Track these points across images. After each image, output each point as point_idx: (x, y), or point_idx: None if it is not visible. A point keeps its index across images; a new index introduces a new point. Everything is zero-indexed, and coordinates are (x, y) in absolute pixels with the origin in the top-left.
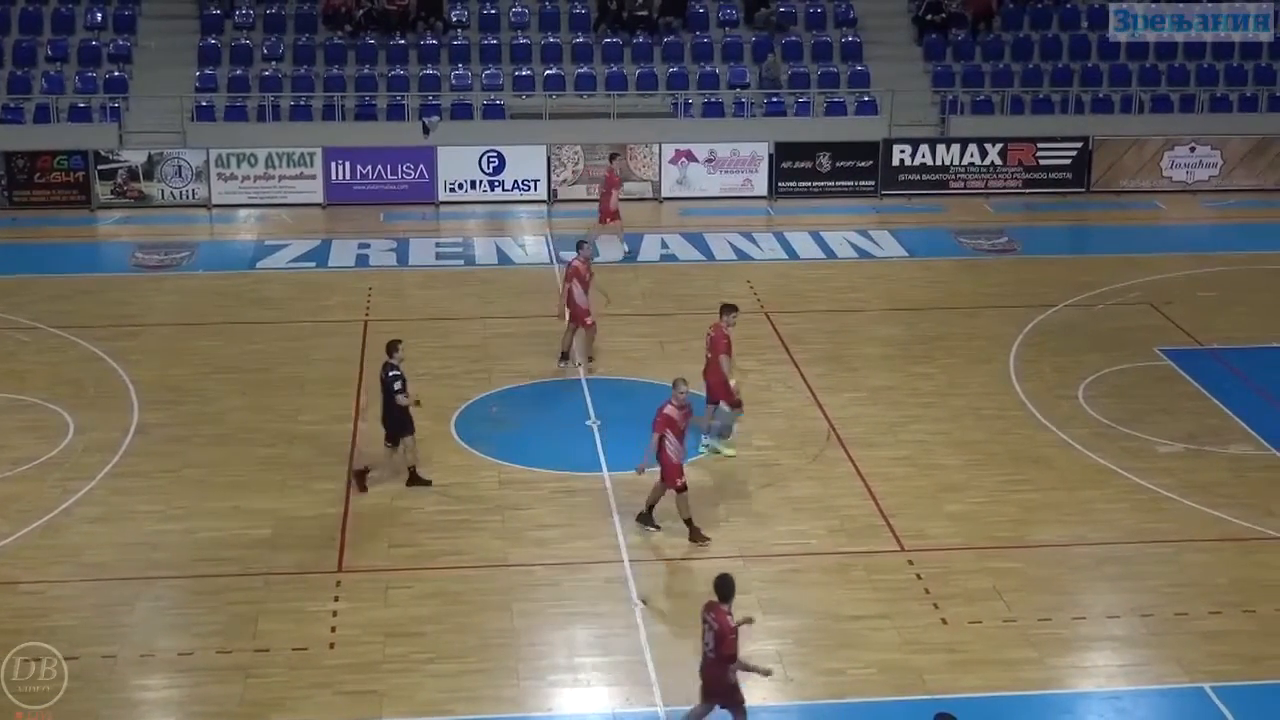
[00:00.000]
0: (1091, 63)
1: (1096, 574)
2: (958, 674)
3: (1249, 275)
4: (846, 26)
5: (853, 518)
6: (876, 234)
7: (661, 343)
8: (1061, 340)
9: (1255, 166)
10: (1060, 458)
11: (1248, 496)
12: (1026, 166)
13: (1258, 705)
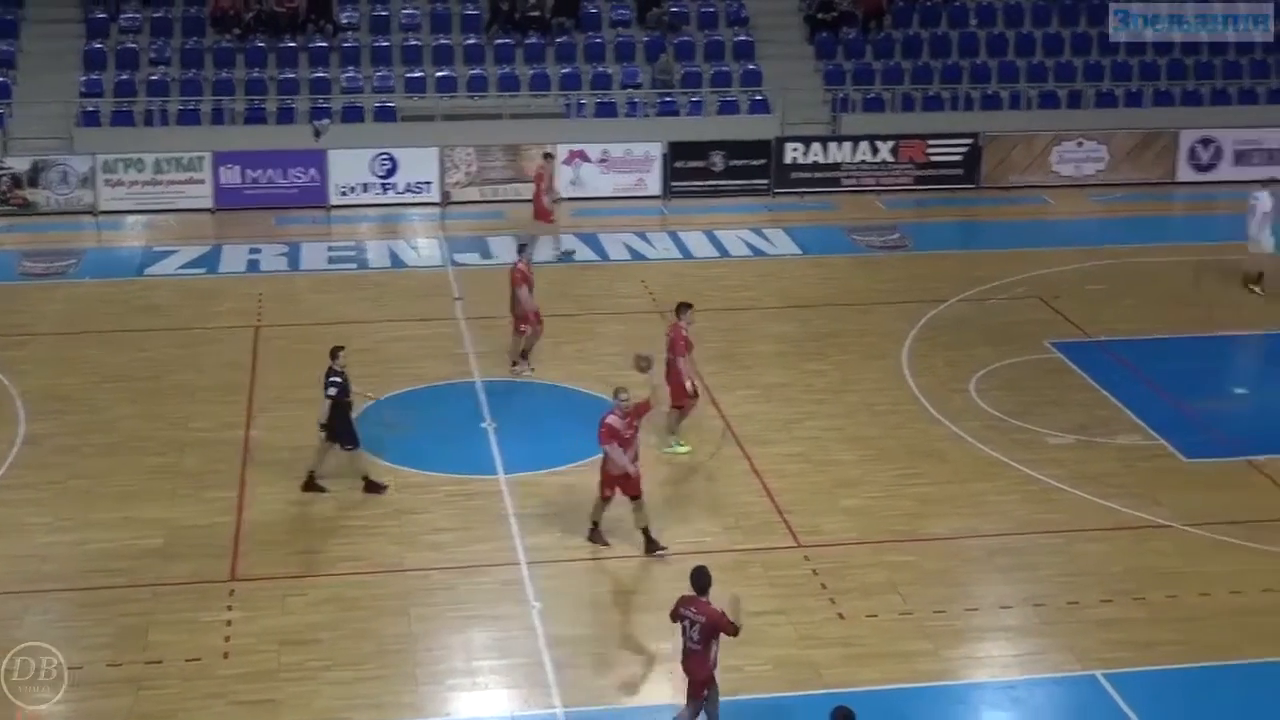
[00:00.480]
0: (980, 60)
1: (989, 565)
2: (854, 668)
3: (1136, 268)
4: (738, 26)
5: (749, 515)
6: (770, 232)
7: (557, 343)
8: (953, 335)
9: (1141, 160)
10: (953, 451)
11: (1137, 486)
12: (917, 163)
13: (1149, 691)
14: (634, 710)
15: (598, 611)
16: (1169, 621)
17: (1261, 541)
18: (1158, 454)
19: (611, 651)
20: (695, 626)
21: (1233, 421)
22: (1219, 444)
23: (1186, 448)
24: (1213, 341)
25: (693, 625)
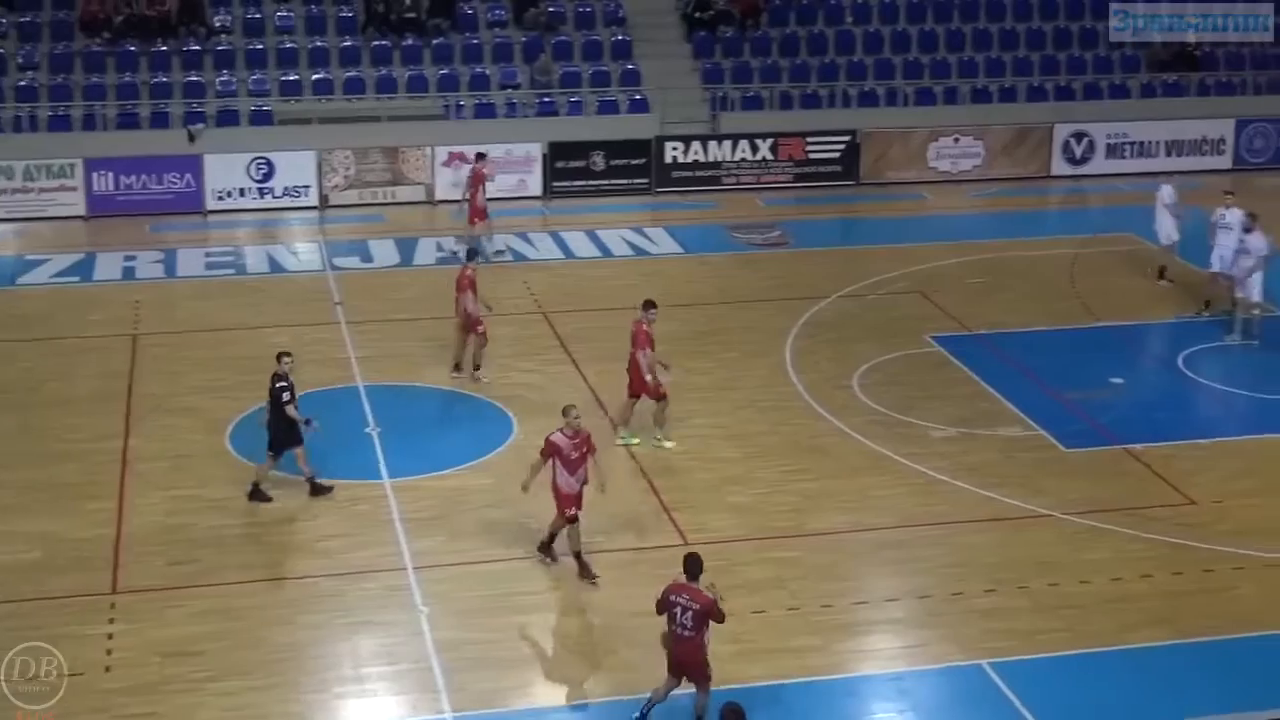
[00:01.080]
0: (857, 58)
1: (875, 558)
2: (744, 664)
3: (1014, 261)
4: (616, 25)
5: (637, 514)
6: (651, 231)
7: (440, 346)
8: (835, 331)
9: (1016, 155)
10: (837, 446)
11: (1018, 477)
12: (796, 161)
13: (1033, 679)
14: (524, 713)
15: (485, 615)
16: (1051, 610)
17: (1140, 529)
18: (1038, 445)
19: (500, 654)
20: (688, 613)
21: (1110, 411)
22: (1097, 433)
23: (1065, 438)
24: (1090, 332)
25: (685, 611)
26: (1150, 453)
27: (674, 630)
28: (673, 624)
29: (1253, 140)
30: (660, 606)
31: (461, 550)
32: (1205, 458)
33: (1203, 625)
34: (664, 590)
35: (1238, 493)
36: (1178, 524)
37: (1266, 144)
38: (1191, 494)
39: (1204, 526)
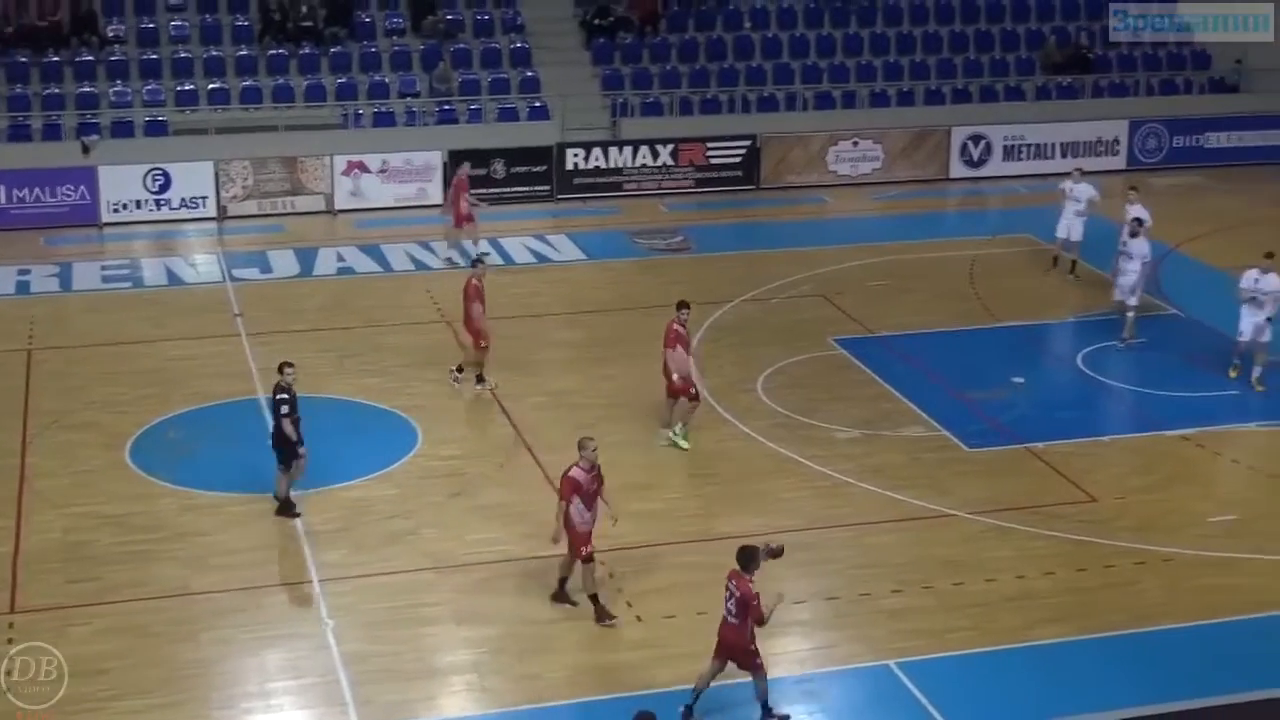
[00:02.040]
0: (756, 63)
1: (783, 561)
2: (655, 669)
3: (915, 263)
4: (515, 33)
5: (545, 522)
6: (554, 238)
7: (342, 357)
8: (739, 335)
9: (914, 158)
10: (743, 450)
11: (922, 477)
12: (697, 166)
13: (940, 677)
14: None
15: (392, 627)
16: (957, 608)
17: (1042, 526)
18: (941, 445)
19: (407, 666)
20: (732, 599)
21: (1011, 410)
22: (999, 433)
23: (968, 438)
24: (990, 333)
25: (730, 598)
26: (1051, 451)
27: (724, 615)
28: (724, 607)
29: (1146, 141)
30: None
31: (367, 562)
32: (1105, 455)
33: (1106, 620)
34: (727, 575)
35: (1137, 489)
36: (1080, 521)
37: (1159, 144)
38: (1092, 491)
39: (1105, 523)
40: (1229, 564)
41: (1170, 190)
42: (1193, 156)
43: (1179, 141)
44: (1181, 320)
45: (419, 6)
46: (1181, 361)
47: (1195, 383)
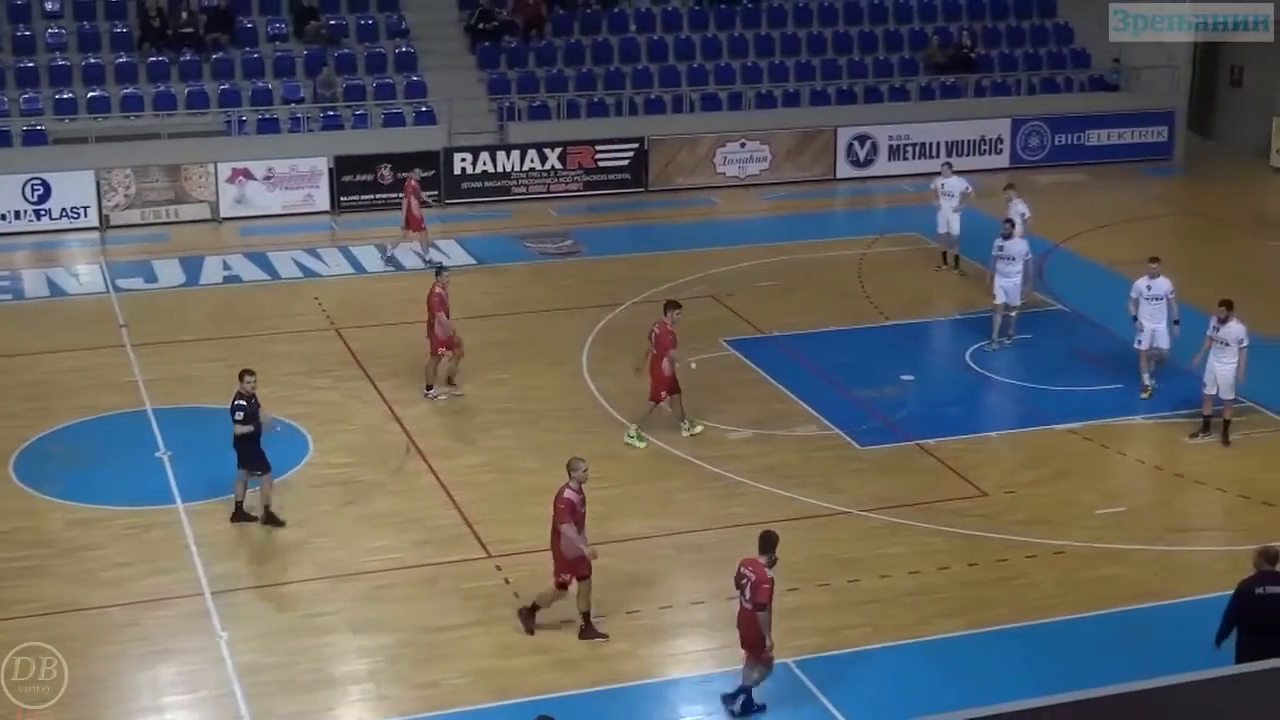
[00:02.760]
0: (642, 65)
1: (679, 562)
2: (554, 674)
3: (804, 263)
4: (399, 38)
5: (438, 528)
6: (443, 243)
7: (230, 366)
8: (631, 338)
9: (801, 159)
10: (637, 452)
11: (814, 475)
12: (586, 169)
13: (836, 674)
14: None
15: (286, 637)
16: (853, 605)
17: (935, 521)
18: (833, 443)
19: (303, 677)
20: (748, 584)
21: (902, 408)
22: (890, 430)
23: (860, 436)
24: (879, 331)
25: (746, 583)
26: (942, 447)
27: (740, 601)
28: (741, 596)
29: (1028, 139)
30: (736, 580)
31: (260, 573)
32: (995, 450)
33: (999, 614)
34: (739, 564)
35: (1027, 483)
36: (971, 516)
37: (1041, 142)
38: (983, 486)
39: (996, 517)
40: (1118, 555)
41: (1053, 187)
42: (1074, 154)
43: (1060, 139)
44: (1067, 315)
45: (302, 12)
46: (1068, 356)
47: (1082, 377)
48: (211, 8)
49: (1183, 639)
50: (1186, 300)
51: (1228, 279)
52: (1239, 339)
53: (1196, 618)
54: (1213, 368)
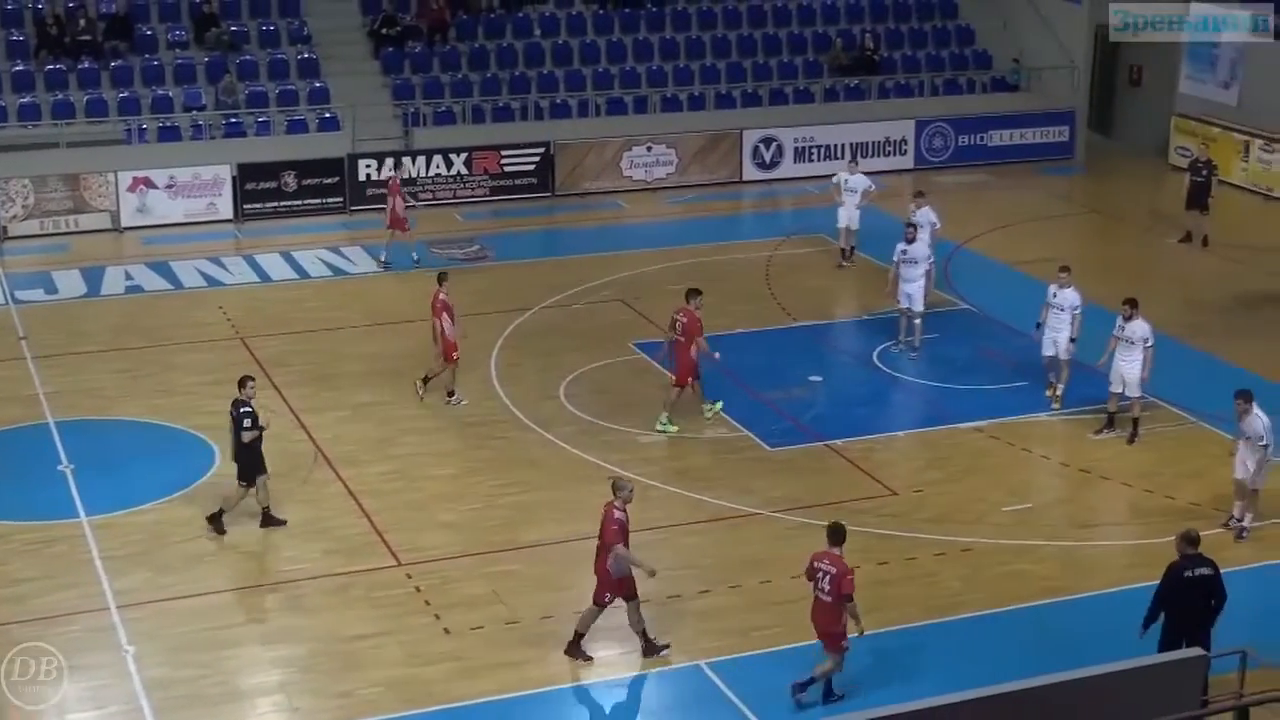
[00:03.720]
0: (547, 69)
1: (592, 567)
2: (465, 681)
3: (712, 265)
4: (302, 44)
5: (347, 537)
6: (349, 250)
7: (134, 377)
8: (540, 342)
9: (708, 162)
10: (548, 457)
11: (727, 477)
12: (492, 174)
13: (748, 675)
14: None
15: (195, 650)
16: (764, 606)
17: (845, 521)
18: (743, 445)
19: (212, 690)
20: (827, 578)
21: (811, 409)
22: (800, 431)
23: (770, 437)
24: (788, 332)
25: (825, 576)
26: (850, 447)
27: (816, 595)
28: (815, 588)
29: (932, 140)
30: (808, 574)
31: (167, 585)
32: (903, 449)
33: (908, 612)
34: (811, 557)
35: (934, 481)
36: (880, 515)
37: (945, 143)
38: (892, 485)
39: (905, 516)
40: (1025, 551)
41: (957, 188)
42: (977, 155)
43: (964, 140)
44: (972, 315)
45: (202, 18)
46: (973, 355)
47: (987, 376)
48: (110, 15)
49: (1089, 633)
50: (1091, 298)
51: (1130, 277)
52: (1144, 337)
53: (1102, 612)
54: (1118, 366)
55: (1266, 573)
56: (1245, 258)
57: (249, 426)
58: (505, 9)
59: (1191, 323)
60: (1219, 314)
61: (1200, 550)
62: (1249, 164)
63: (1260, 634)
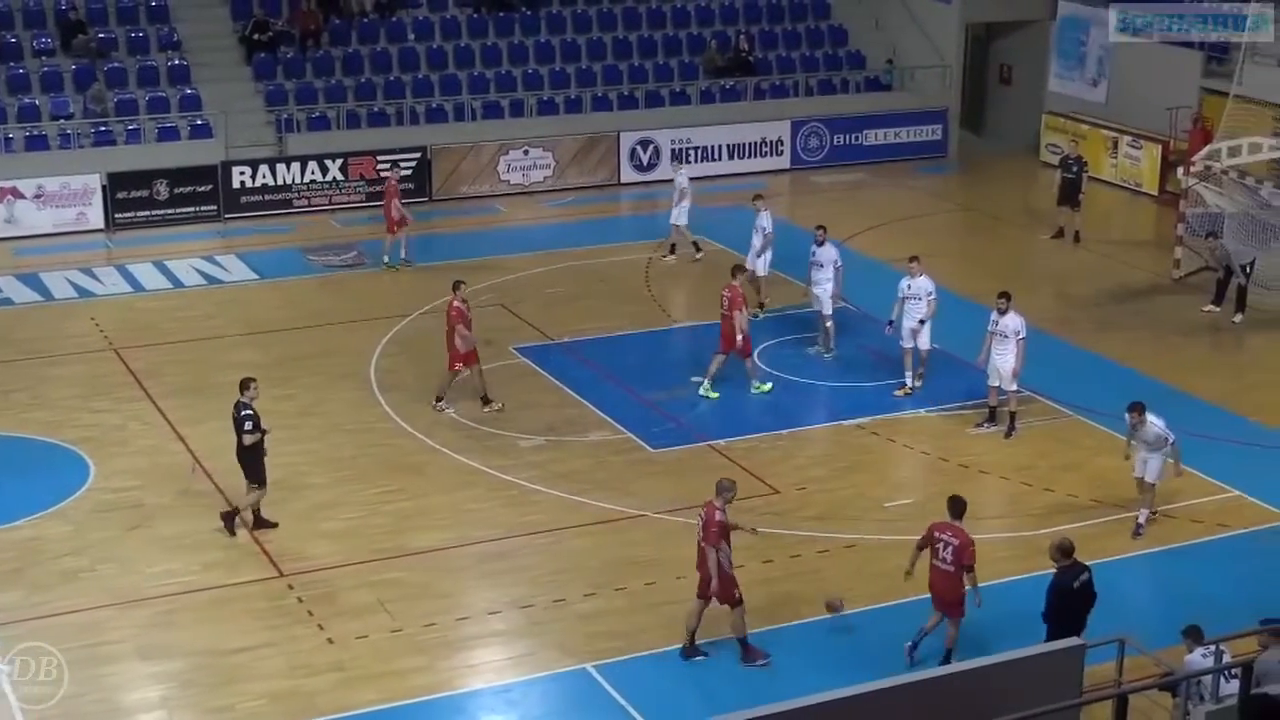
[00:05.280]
0: (422, 74)
1: (476, 572)
2: (350, 691)
3: (591, 268)
4: (172, 50)
5: (227, 549)
6: (223, 259)
7: (4, 391)
8: (419, 348)
9: (585, 165)
10: (430, 464)
11: (609, 480)
12: (368, 180)
13: (635, 677)
14: None
15: (73, 668)
16: (650, 608)
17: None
18: (626, 447)
19: (90, 707)
20: (949, 548)
21: (693, 409)
22: (682, 432)
23: (652, 438)
24: (668, 333)
25: (946, 547)
26: (733, 447)
27: (934, 564)
28: (935, 558)
29: (808, 140)
30: (922, 542)
31: (42, 603)
32: (785, 448)
33: (794, 610)
34: (929, 528)
35: (818, 479)
36: (764, 514)
37: (820, 143)
38: (775, 483)
39: (789, 514)
40: (908, 547)
41: (833, 187)
42: (852, 154)
43: (839, 140)
44: (851, 313)
45: (69, 25)
46: (853, 353)
47: (868, 373)
48: None
49: (973, 625)
50: (965, 294)
51: (1004, 272)
52: (1017, 331)
53: (986, 603)
54: (995, 360)
55: (1145, 561)
56: (1115, 252)
57: (250, 430)
58: (379, 13)
59: (1064, 317)
60: (1091, 308)
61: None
62: (1118, 160)
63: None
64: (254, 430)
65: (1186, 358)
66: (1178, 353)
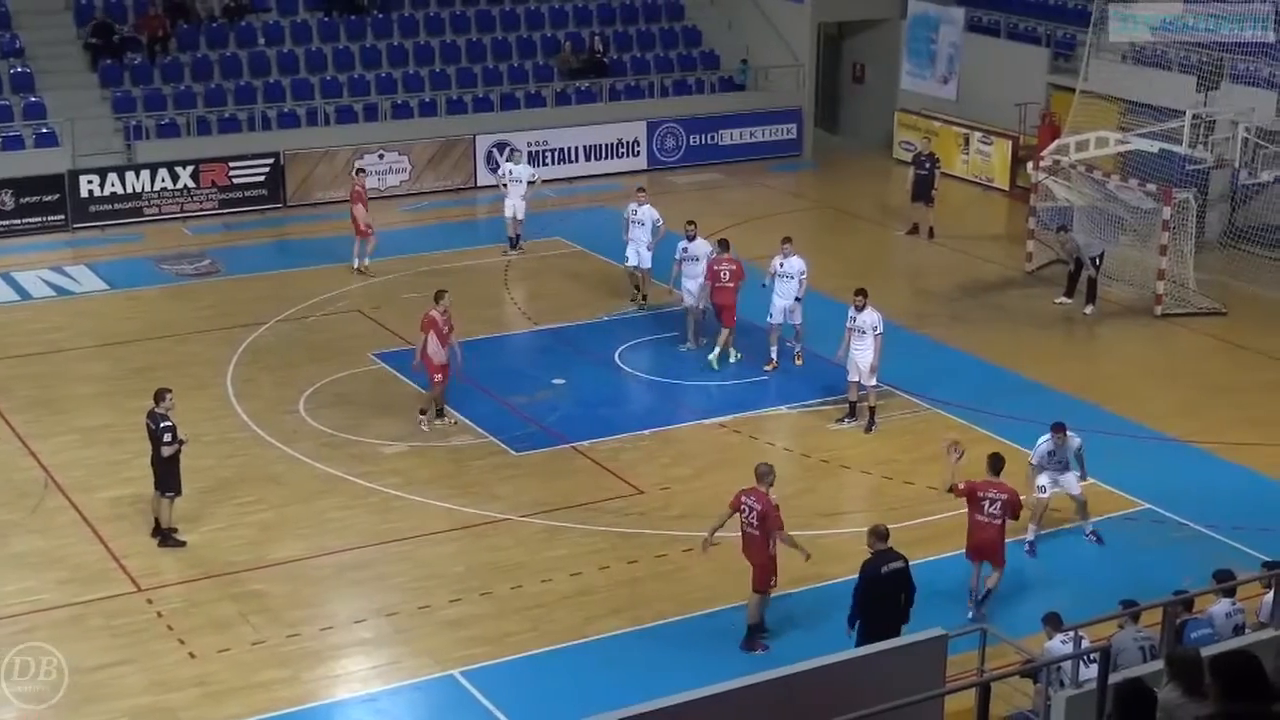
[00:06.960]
0: (274, 79)
1: (339, 581)
2: (213, 706)
3: (449, 272)
4: (14, 57)
5: (83, 565)
6: (73, 269)
7: None
8: (277, 356)
9: (441, 169)
10: (290, 473)
11: (472, 484)
12: (221, 187)
13: (504, 681)
14: None
15: None
16: (516, 612)
17: (593, 522)
18: (489, 451)
19: None
20: (995, 504)
21: (555, 411)
22: (545, 435)
23: (515, 442)
24: (528, 336)
25: (993, 503)
26: (597, 448)
27: (978, 519)
28: (980, 514)
29: (664, 140)
30: (971, 500)
31: None
32: (648, 448)
33: (661, 608)
34: (973, 485)
35: (681, 478)
36: (629, 514)
37: (677, 143)
38: (639, 484)
39: (653, 513)
40: None
41: (690, 187)
42: (709, 154)
43: (695, 140)
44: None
45: None
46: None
47: (728, 371)
48: None
49: (835, 620)
50: (822, 291)
51: (860, 269)
52: (874, 326)
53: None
54: (853, 356)
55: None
56: (969, 247)
57: (169, 441)
58: (227, 18)
59: (920, 312)
60: (946, 302)
61: (890, 544)
62: (969, 156)
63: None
64: (173, 441)
65: (1041, 349)
66: (1032, 344)
